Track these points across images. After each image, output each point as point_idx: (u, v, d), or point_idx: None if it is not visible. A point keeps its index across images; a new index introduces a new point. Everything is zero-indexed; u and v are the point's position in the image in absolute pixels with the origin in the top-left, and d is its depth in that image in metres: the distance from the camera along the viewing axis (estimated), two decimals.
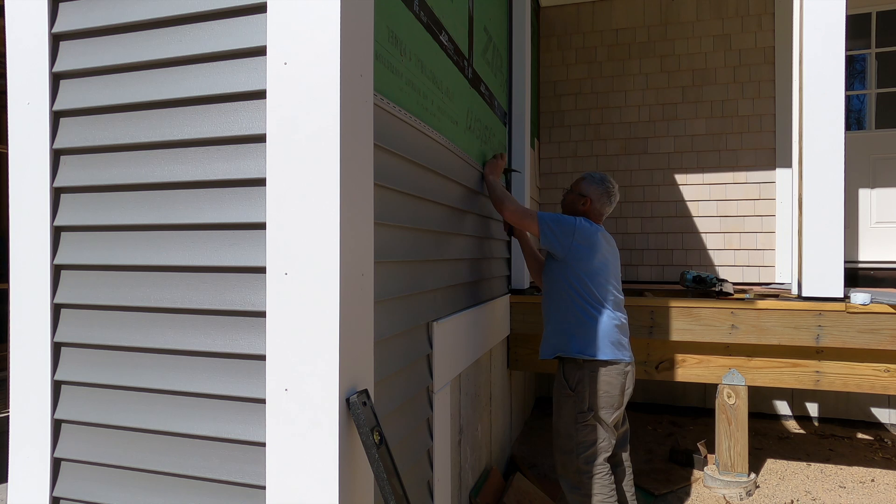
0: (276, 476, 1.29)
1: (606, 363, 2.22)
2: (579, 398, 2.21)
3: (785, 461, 3.50)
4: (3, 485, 2.62)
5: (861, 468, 3.39)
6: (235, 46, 1.36)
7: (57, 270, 1.55)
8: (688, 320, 3.09)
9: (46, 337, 1.54)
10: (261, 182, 1.35)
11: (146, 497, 1.46)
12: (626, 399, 2.28)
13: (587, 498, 2.19)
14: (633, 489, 2.41)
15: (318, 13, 1.27)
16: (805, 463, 3.47)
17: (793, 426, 4.20)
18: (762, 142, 4.35)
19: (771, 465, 3.45)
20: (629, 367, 2.28)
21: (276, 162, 1.30)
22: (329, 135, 1.26)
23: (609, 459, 2.28)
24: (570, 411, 2.23)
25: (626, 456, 2.41)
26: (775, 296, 3.20)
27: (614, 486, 2.24)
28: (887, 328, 2.79)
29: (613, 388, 2.22)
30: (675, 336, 3.11)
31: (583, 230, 2.25)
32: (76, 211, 1.53)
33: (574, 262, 2.25)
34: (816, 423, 4.24)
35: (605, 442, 2.23)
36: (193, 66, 1.41)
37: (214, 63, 1.39)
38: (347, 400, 1.28)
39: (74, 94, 1.52)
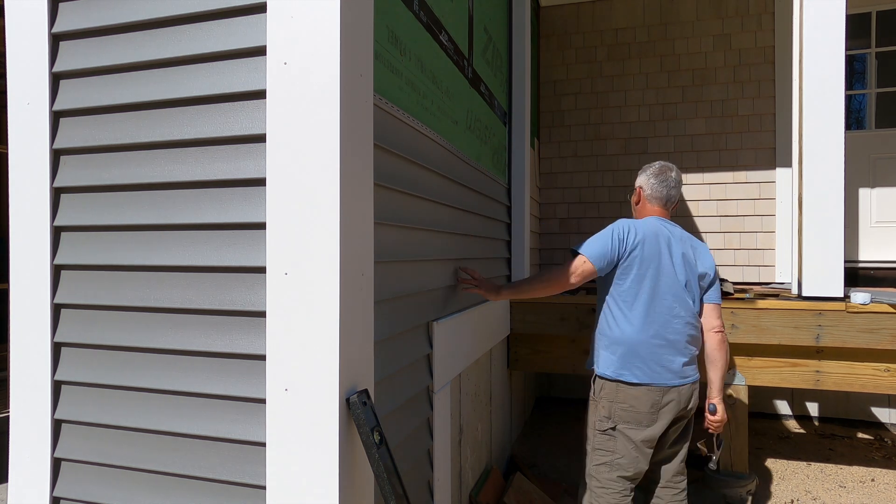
0: (276, 476, 1.29)
1: (631, 384, 2.10)
2: (601, 405, 2.15)
3: (785, 461, 3.50)
4: (4, 485, 2.62)
5: (861, 468, 3.39)
6: (235, 46, 1.36)
7: (57, 270, 1.55)
8: None
9: (46, 337, 1.54)
10: (261, 182, 1.35)
11: (146, 497, 1.46)
12: (663, 419, 2.08)
13: None
14: None
15: (318, 13, 1.27)
16: (805, 462, 3.47)
17: (793, 426, 4.19)
18: (762, 141, 4.35)
19: (771, 464, 3.45)
20: (671, 390, 2.09)
21: (276, 162, 1.30)
22: (329, 135, 1.26)
23: (639, 483, 2.18)
24: (592, 417, 2.19)
25: (669, 488, 2.24)
26: (775, 295, 3.20)
27: None
28: (887, 328, 2.79)
29: (640, 403, 2.07)
30: None
31: (622, 240, 2.10)
32: (76, 211, 1.53)
33: (611, 275, 2.14)
34: (816, 423, 4.24)
35: (625, 459, 2.08)
36: (193, 66, 1.41)
37: (214, 63, 1.39)
38: (347, 400, 1.28)
39: (74, 94, 1.52)
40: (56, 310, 1.55)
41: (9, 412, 1.58)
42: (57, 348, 1.55)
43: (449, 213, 2.22)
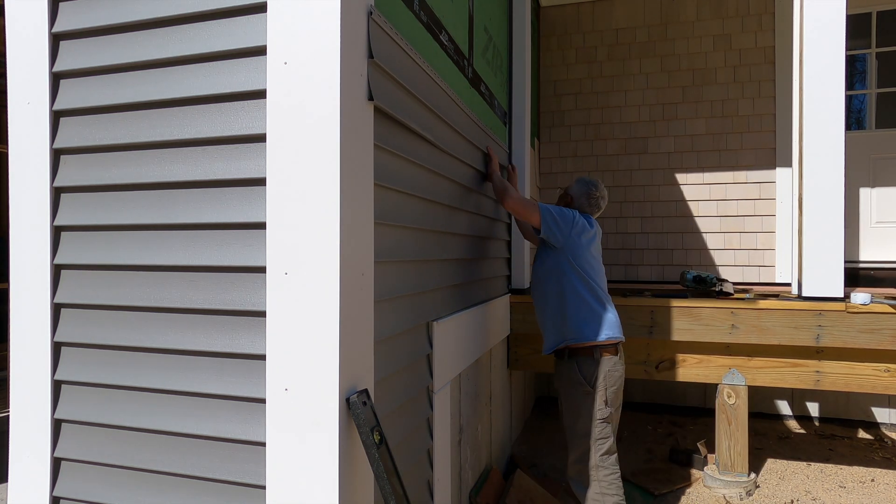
0: (276, 476, 1.29)
1: (613, 348, 2.26)
2: (598, 394, 2.22)
3: (785, 461, 3.50)
4: (3, 485, 2.62)
5: (861, 468, 3.39)
6: (235, 46, 1.36)
7: (57, 270, 1.55)
8: (688, 320, 3.09)
9: (46, 337, 1.54)
10: (261, 182, 1.35)
11: (146, 497, 1.46)
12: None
13: (602, 496, 2.20)
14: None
15: (319, 13, 1.27)
16: (805, 463, 3.47)
17: (793, 426, 4.19)
18: (762, 141, 4.35)
19: (771, 464, 3.45)
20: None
21: (276, 162, 1.30)
22: (329, 135, 1.26)
23: None
24: (590, 409, 2.22)
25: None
26: (775, 296, 3.20)
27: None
28: (887, 328, 2.79)
29: (621, 381, 2.28)
30: (676, 336, 3.11)
31: (581, 223, 2.35)
32: (76, 211, 1.53)
33: (572, 252, 2.33)
34: (817, 423, 4.24)
35: (614, 439, 2.26)
36: (193, 65, 1.41)
37: (214, 63, 1.39)
38: (347, 400, 1.28)
39: (74, 94, 1.52)
40: (56, 309, 1.55)
41: (9, 412, 1.58)
42: (57, 348, 1.55)
43: (449, 212, 2.22)
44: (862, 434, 4.01)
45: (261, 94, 1.34)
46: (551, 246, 2.38)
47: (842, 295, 2.87)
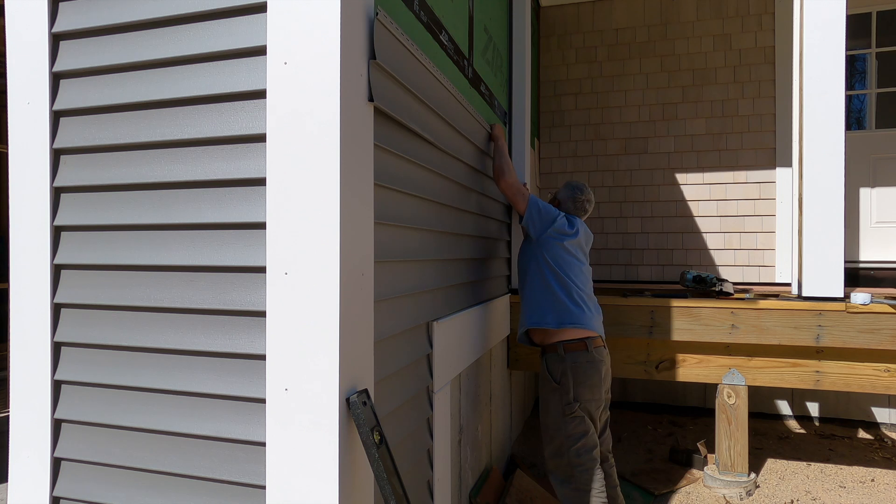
0: (276, 476, 1.29)
1: (580, 343, 2.29)
2: (564, 390, 2.26)
3: (785, 461, 3.50)
4: (3, 485, 2.62)
5: (861, 468, 3.39)
6: (235, 46, 1.36)
7: (57, 270, 1.55)
8: (688, 320, 3.09)
9: (46, 337, 1.54)
10: (261, 182, 1.35)
11: (146, 497, 1.46)
12: (605, 390, 2.34)
13: (579, 492, 2.21)
14: (617, 481, 2.45)
15: (319, 13, 1.27)
16: (805, 463, 3.47)
17: (793, 426, 4.19)
18: (762, 141, 4.35)
19: (771, 464, 3.45)
20: (606, 354, 2.36)
21: (277, 162, 1.30)
22: (329, 135, 1.26)
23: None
24: (557, 404, 2.27)
25: (609, 447, 2.46)
26: (775, 296, 3.20)
27: (604, 479, 2.27)
28: (887, 328, 2.79)
29: (596, 376, 2.29)
30: (676, 336, 3.11)
31: (561, 224, 2.43)
32: (76, 211, 1.53)
33: (545, 247, 2.42)
34: (817, 423, 4.24)
35: (593, 435, 2.28)
36: (193, 65, 1.41)
37: (214, 63, 1.39)
38: (347, 400, 1.28)
39: (74, 94, 1.52)
40: (56, 309, 1.55)
41: (9, 412, 1.58)
42: (57, 348, 1.55)
43: (449, 212, 2.22)
44: (862, 434, 4.01)
45: (261, 95, 1.34)
46: (529, 237, 2.49)
47: (842, 295, 2.87)
